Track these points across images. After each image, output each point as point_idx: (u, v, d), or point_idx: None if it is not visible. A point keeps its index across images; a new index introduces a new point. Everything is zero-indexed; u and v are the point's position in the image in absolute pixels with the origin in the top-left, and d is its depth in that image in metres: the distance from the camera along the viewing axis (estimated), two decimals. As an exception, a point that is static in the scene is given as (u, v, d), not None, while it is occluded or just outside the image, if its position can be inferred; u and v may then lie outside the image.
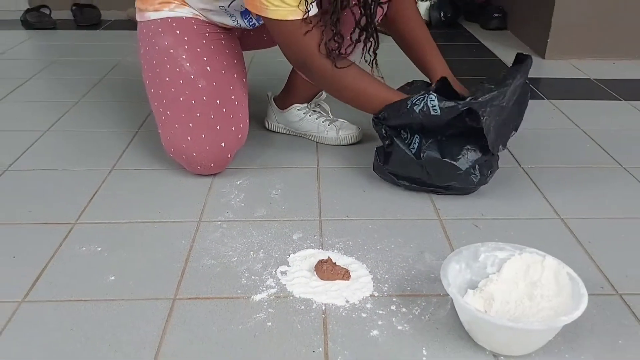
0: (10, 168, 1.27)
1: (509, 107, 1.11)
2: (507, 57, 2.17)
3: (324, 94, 1.46)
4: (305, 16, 1.07)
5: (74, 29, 2.55)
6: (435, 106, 1.07)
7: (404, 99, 1.13)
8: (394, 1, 1.27)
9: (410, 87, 1.25)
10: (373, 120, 1.18)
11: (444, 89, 1.16)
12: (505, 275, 0.83)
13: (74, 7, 2.66)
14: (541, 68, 2.05)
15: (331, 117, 1.43)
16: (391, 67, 1.97)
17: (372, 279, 0.92)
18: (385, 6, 1.21)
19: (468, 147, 1.11)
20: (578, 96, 1.76)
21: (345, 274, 0.91)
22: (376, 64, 1.21)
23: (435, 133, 1.12)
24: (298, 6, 1.06)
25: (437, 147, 1.11)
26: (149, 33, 1.25)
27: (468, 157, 1.11)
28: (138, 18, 1.29)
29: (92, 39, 2.40)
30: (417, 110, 1.09)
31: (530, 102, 1.70)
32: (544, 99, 1.74)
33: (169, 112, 1.20)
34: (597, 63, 2.08)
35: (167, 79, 1.20)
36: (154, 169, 1.27)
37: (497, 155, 1.16)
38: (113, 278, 0.92)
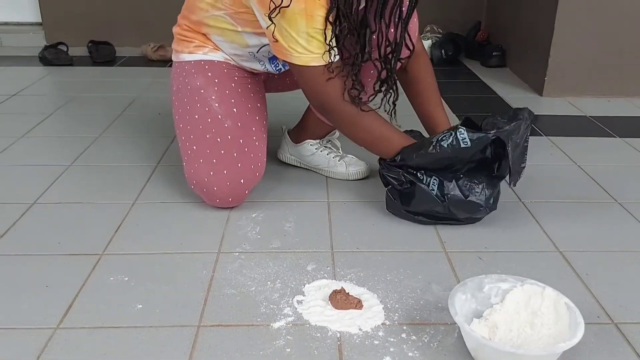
0: (38, 201, 1.34)
1: (520, 146, 1.19)
2: (507, 94, 2.26)
3: (337, 133, 1.55)
4: (327, 64, 1.15)
5: (90, 65, 2.66)
6: (465, 139, 1.16)
7: (425, 139, 1.22)
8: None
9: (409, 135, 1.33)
10: (384, 165, 1.25)
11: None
12: (508, 305, 0.90)
13: (90, 44, 2.77)
14: (539, 105, 2.14)
15: (341, 153, 1.51)
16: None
17: (383, 308, 0.98)
18: (405, 60, 1.30)
19: (483, 182, 1.20)
20: (575, 133, 1.85)
21: (358, 304, 0.97)
22: (395, 114, 1.28)
23: (450, 172, 1.20)
24: (322, 55, 1.14)
25: (458, 187, 1.19)
26: (183, 73, 1.34)
27: (485, 192, 1.20)
28: (173, 58, 1.39)
29: (108, 75, 2.50)
30: (445, 145, 1.17)
31: (530, 139, 1.80)
32: (542, 135, 1.82)
33: (195, 147, 1.28)
34: (593, 101, 2.17)
35: (197, 116, 1.28)
36: (174, 202, 1.34)
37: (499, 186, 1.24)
38: (140, 306, 0.98)
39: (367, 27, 1.18)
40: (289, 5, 1.08)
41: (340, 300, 0.97)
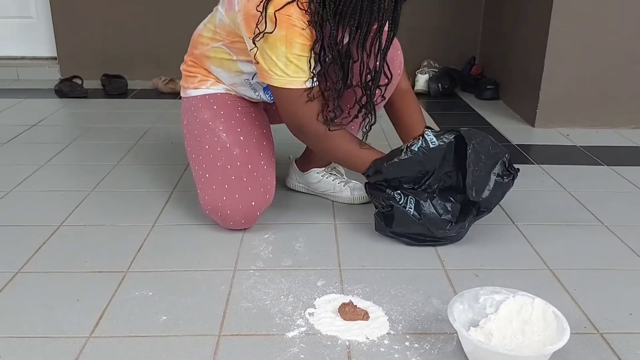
0: (65, 223, 1.44)
1: (484, 163, 1.29)
2: (500, 125, 2.38)
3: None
4: (304, 89, 1.24)
5: (103, 97, 2.78)
6: (433, 140, 1.28)
7: (395, 148, 1.33)
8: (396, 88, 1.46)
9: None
10: (367, 189, 1.37)
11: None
12: (501, 314, 0.99)
13: (103, 77, 2.90)
14: (531, 136, 2.26)
15: (346, 179, 1.61)
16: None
17: (388, 319, 1.07)
18: (384, 88, 1.38)
19: (454, 201, 1.30)
20: (565, 161, 1.96)
21: (364, 315, 1.06)
22: (366, 137, 1.37)
23: (426, 192, 1.30)
24: (298, 79, 1.24)
25: (432, 206, 1.29)
26: (191, 107, 1.45)
27: (456, 211, 1.30)
28: (182, 94, 1.51)
29: (121, 107, 2.63)
30: (416, 149, 1.28)
31: (522, 166, 1.91)
32: (534, 164, 1.93)
33: (207, 175, 1.38)
34: (582, 131, 2.29)
35: (207, 147, 1.39)
36: (190, 224, 1.44)
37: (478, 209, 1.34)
38: (165, 318, 1.07)
39: (350, 58, 1.27)
40: (272, 32, 1.19)
41: (349, 312, 1.06)
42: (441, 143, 1.30)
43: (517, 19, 2.58)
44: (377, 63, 1.28)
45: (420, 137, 1.31)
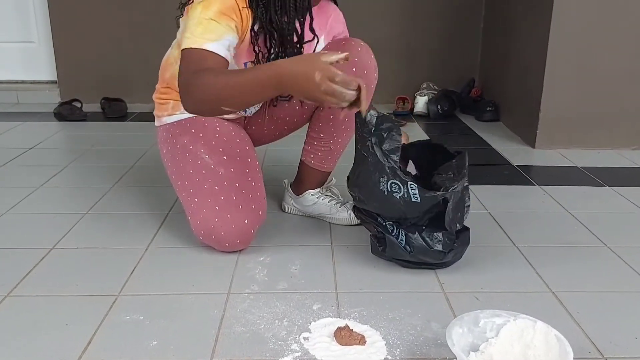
0: (57, 246, 1.41)
1: (462, 190, 1.27)
2: (500, 146, 2.37)
3: (334, 180, 1.63)
4: (203, 48, 1.19)
5: (102, 120, 2.78)
6: (416, 194, 1.22)
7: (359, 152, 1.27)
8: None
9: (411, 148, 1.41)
10: (357, 215, 1.35)
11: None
12: (502, 338, 0.95)
13: (102, 101, 2.90)
14: (531, 157, 2.24)
15: (342, 199, 1.59)
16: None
17: (385, 344, 1.04)
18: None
19: (443, 231, 1.26)
20: (566, 182, 1.93)
21: (361, 340, 1.03)
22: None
23: (413, 226, 1.27)
24: (203, 40, 1.19)
25: (421, 239, 1.26)
26: (169, 135, 1.44)
27: (446, 240, 1.26)
28: (156, 123, 1.50)
29: (120, 129, 2.62)
30: (397, 197, 1.22)
31: (522, 187, 1.90)
32: (534, 185, 1.91)
33: (196, 200, 1.35)
34: (583, 152, 2.27)
35: (191, 171, 1.37)
36: (185, 247, 1.41)
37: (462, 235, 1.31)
38: (155, 343, 1.03)
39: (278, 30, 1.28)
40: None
41: (345, 336, 1.03)
42: (423, 201, 1.22)
43: (516, 40, 2.59)
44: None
45: (404, 187, 1.21)
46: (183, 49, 1.21)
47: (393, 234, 1.27)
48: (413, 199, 1.22)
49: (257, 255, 1.38)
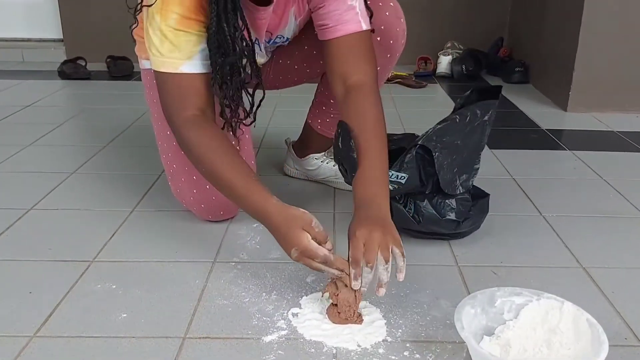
0: (35, 207, 1.30)
1: (468, 146, 1.10)
2: (530, 109, 2.17)
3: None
4: (177, 71, 0.98)
5: (107, 79, 2.66)
6: (396, 175, 1.06)
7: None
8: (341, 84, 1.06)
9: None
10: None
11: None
12: (522, 321, 0.81)
13: (108, 59, 2.78)
14: (563, 120, 2.05)
15: (350, 163, 1.44)
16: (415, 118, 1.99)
17: (385, 323, 0.90)
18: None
19: (455, 197, 1.10)
20: (601, 148, 1.75)
21: (357, 318, 0.89)
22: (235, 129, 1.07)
23: (421, 193, 1.12)
24: (173, 59, 0.97)
25: (431, 206, 1.10)
26: (153, 83, 1.15)
27: (460, 208, 1.11)
28: (140, 66, 1.28)
29: (124, 88, 2.50)
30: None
31: (552, 152, 1.72)
32: (565, 149, 1.73)
33: (175, 166, 1.19)
34: (620, 116, 2.06)
35: (168, 132, 1.14)
36: (173, 210, 1.28)
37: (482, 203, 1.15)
38: (125, 315, 0.91)
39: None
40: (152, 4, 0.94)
41: (339, 313, 0.89)
42: (408, 174, 1.07)
43: (549, -6, 2.36)
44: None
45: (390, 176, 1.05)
46: (155, 71, 1.01)
47: (400, 201, 1.12)
48: (400, 179, 1.07)
49: (251, 221, 1.22)
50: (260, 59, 1.25)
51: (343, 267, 0.87)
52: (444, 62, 2.70)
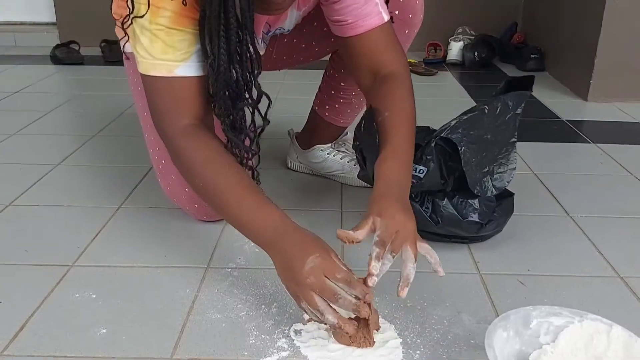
0: (14, 203, 1.19)
1: (500, 142, 0.99)
2: (546, 98, 2.04)
3: (349, 134, 1.36)
4: (172, 75, 0.84)
5: (101, 64, 2.54)
6: (414, 168, 0.96)
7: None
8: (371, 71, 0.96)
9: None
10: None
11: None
12: (562, 346, 0.69)
13: (102, 44, 2.65)
14: (584, 110, 1.92)
15: (358, 156, 1.32)
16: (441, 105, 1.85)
17: (401, 343, 0.79)
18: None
19: (478, 197, 0.99)
20: (627, 140, 1.63)
21: (368, 339, 0.78)
22: (257, 178, 0.94)
23: (441, 191, 1.00)
24: (167, 62, 0.83)
25: (452, 206, 0.99)
26: (137, 70, 0.96)
27: (484, 208, 0.99)
28: (123, 50, 1.10)
29: (118, 74, 2.35)
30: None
31: (576, 145, 1.60)
32: (589, 142, 1.60)
33: (164, 161, 1.06)
34: (645, 106, 1.94)
35: None
36: (164, 207, 1.17)
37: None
38: (104, 331, 0.80)
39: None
40: None
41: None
42: (429, 168, 0.97)
43: (569, -24, 2.22)
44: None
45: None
46: (144, 75, 0.87)
47: (417, 199, 1.01)
48: (419, 173, 0.96)
49: (249, 220, 1.12)
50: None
51: (363, 294, 0.73)
52: (455, 49, 2.57)
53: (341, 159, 1.32)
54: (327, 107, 1.29)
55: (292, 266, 0.75)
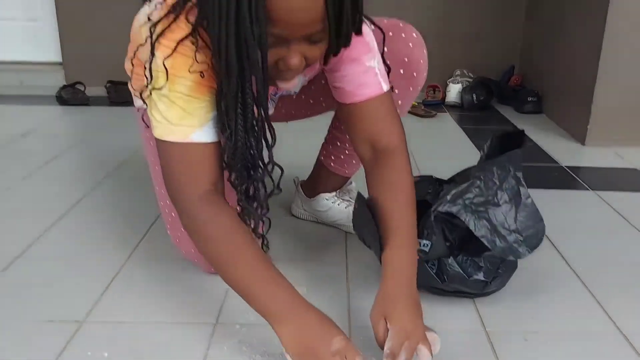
0: (23, 255, 1.20)
1: (508, 202, 1.00)
2: (544, 142, 2.08)
3: (353, 183, 1.39)
4: (187, 140, 0.86)
5: (106, 105, 2.58)
6: (425, 243, 0.99)
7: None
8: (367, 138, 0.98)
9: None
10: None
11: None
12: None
13: (108, 85, 2.70)
14: (582, 156, 1.96)
15: (362, 206, 1.34)
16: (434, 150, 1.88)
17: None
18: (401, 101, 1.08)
19: (482, 255, 1.01)
20: (625, 188, 1.65)
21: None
22: (267, 246, 0.96)
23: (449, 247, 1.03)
24: (184, 127, 0.85)
25: (457, 264, 1.01)
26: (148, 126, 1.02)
27: (488, 266, 1.01)
28: (135, 103, 1.16)
29: (123, 115, 2.40)
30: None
31: (574, 193, 1.63)
32: (588, 189, 1.63)
33: (174, 214, 1.05)
34: (643, 152, 1.98)
35: None
36: (173, 259, 1.18)
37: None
38: (116, 393, 0.81)
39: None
40: (152, 57, 0.82)
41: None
42: (432, 243, 1.00)
43: (565, 21, 2.29)
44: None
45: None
46: (159, 140, 0.88)
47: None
48: (422, 247, 0.99)
49: (256, 273, 1.14)
50: None
51: None
52: (454, 91, 2.63)
53: (345, 207, 1.34)
54: (332, 157, 1.32)
55: (316, 346, 0.78)
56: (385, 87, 0.97)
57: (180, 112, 0.85)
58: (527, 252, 1.00)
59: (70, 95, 2.56)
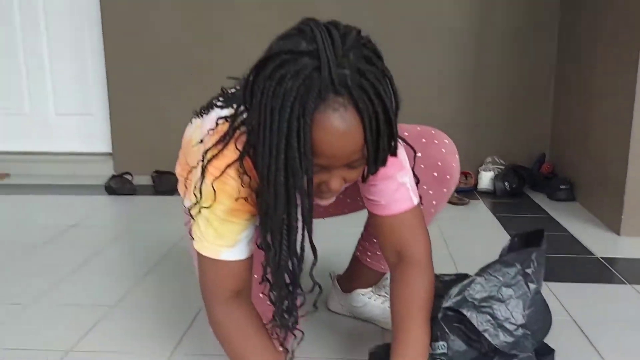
0: (74, 349, 1.27)
1: (514, 297, 1.02)
2: (579, 231, 2.09)
3: (389, 278, 1.42)
4: (217, 257, 0.95)
5: (152, 194, 2.72)
6: (434, 346, 1.01)
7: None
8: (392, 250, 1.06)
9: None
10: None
11: None
12: None
13: (154, 174, 2.85)
14: (617, 246, 1.95)
15: (397, 302, 1.37)
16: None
17: None
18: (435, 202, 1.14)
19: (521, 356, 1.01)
20: (666, 282, 1.64)
21: None
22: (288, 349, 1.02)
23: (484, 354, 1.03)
24: (215, 246, 0.95)
25: None
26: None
27: None
28: (183, 203, 1.21)
29: (167, 204, 2.53)
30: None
31: (612, 287, 1.62)
32: (625, 283, 1.62)
33: None
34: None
35: None
36: (215, 354, 1.23)
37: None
38: None
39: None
40: (201, 181, 0.91)
41: None
42: (444, 342, 1.02)
43: (592, 111, 2.35)
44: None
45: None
46: (197, 251, 0.99)
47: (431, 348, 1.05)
48: (439, 350, 1.01)
49: (296, 369, 1.17)
50: None
51: None
52: (486, 178, 2.68)
53: (382, 303, 1.37)
54: (368, 253, 1.37)
55: None
56: (416, 200, 1.04)
57: (214, 233, 0.94)
58: (533, 346, 1.01)
59: (118, 185, 2.71)
